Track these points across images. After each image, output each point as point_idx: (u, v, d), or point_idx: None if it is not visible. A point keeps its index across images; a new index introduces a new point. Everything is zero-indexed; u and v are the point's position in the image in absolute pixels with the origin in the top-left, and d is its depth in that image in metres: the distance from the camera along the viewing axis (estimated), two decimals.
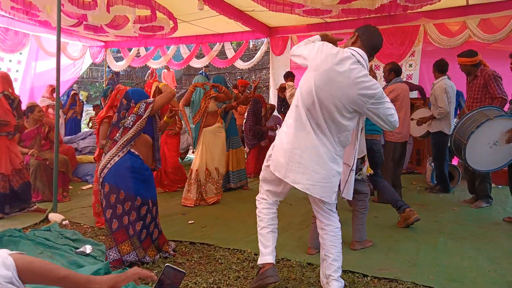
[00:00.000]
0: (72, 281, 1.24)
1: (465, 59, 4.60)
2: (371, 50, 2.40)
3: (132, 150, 3.01)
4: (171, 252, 3.16)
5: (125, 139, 2.99)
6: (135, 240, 2.90)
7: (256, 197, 2.68)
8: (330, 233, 2.45)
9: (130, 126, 3.02)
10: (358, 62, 2.28)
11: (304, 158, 2.31)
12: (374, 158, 3.65)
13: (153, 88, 4.03)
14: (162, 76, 10.65)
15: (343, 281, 2.45)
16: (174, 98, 3.59)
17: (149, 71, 9.58)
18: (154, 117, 3.21)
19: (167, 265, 1.30)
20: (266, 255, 2.48)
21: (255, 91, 6.21)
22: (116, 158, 2.96)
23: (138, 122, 3.02)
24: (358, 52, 2.32)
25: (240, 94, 6.29)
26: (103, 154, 3.09)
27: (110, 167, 2.94)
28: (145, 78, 12.97)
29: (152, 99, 3.20)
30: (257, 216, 2.62)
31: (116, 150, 2.98)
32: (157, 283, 1.29)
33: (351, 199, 2.64)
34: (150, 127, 3.15)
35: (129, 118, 3.04)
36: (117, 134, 3.05)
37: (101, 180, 2.97)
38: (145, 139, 3.10)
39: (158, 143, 3.27)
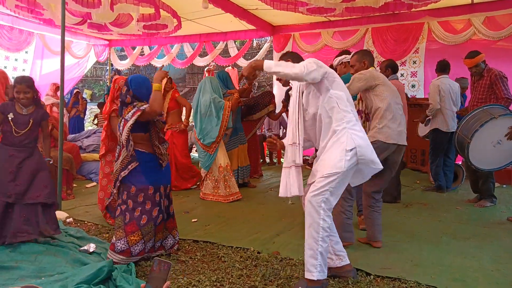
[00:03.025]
0: None
1: (470, 60, 4.60)
2: None
3: (136, 149, 2.99)
4: (174, 249, 3.18)
5: (124, 155, 2.97)
6: (147, 228, 2.90)
7: (324, 210, 2.44)
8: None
9: (121, 131, 2.95)
10: None
11: None
12: None
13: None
14: None
15: None
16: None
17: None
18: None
19: (155, 258, 1.35)
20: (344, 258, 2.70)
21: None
22: (132, 165, 2.96)
23: (126, 128, 2.91)
24: None
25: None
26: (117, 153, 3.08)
27: (127, 173, 2.96)
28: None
29: (144, 106, 2.94)
30: (321, 233, 2.41)
31: (125, 158, 2.98)
32: (149, 276, 1.34)
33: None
34: (142, 125, 3.02)
35: (121, 123, 2.97)
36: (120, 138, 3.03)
37: (118, 183, 2.99)
38: (140, 137, 3.03)
39: (156, 137, 3.07)
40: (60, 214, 4.05)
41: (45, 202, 3.18)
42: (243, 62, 9.03)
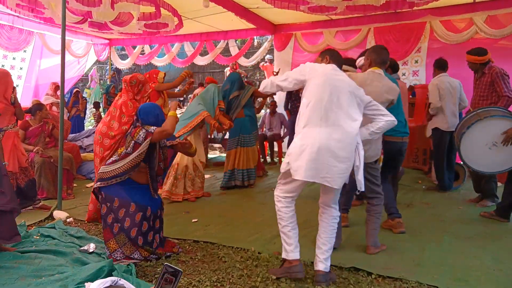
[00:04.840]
0: None
1: (475, 57, 4.55)
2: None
3: (131, 178, 3.03)
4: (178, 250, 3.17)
5: (122, 166, 2.95)
6: (120, 237, 2.90)
7: (275, 196, 2.76)
8: (325, 220, 2.70)
9: (130, 152, 2.96)
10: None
11: None
12: (399, 162, 3.62)
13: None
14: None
15: (329, 265, 2.63)
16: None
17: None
18: (155, 144, 3.10)
19: (166, 264, 1.31)
20: (290, 252, 2.63)
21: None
22: (114, 181, 2.97)
23: (137, 152, 2.94)
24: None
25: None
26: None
27: (105, 186, 2.97)
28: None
29: (153, 128, 2.98)
30: (277, 214, 2.73)
31: (115, 173, 2.96)
32: (158, 282, 1.29)
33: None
34: (147, 154, 3.04)
35: (130, 143, 2.98)
36: (115, 156, 3.03)
37: (97, 185, 3.00)
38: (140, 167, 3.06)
39: (153, 172, 3.13)
40: (60, 214, 4.05)
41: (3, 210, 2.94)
42: (243, 61, 9.00)
